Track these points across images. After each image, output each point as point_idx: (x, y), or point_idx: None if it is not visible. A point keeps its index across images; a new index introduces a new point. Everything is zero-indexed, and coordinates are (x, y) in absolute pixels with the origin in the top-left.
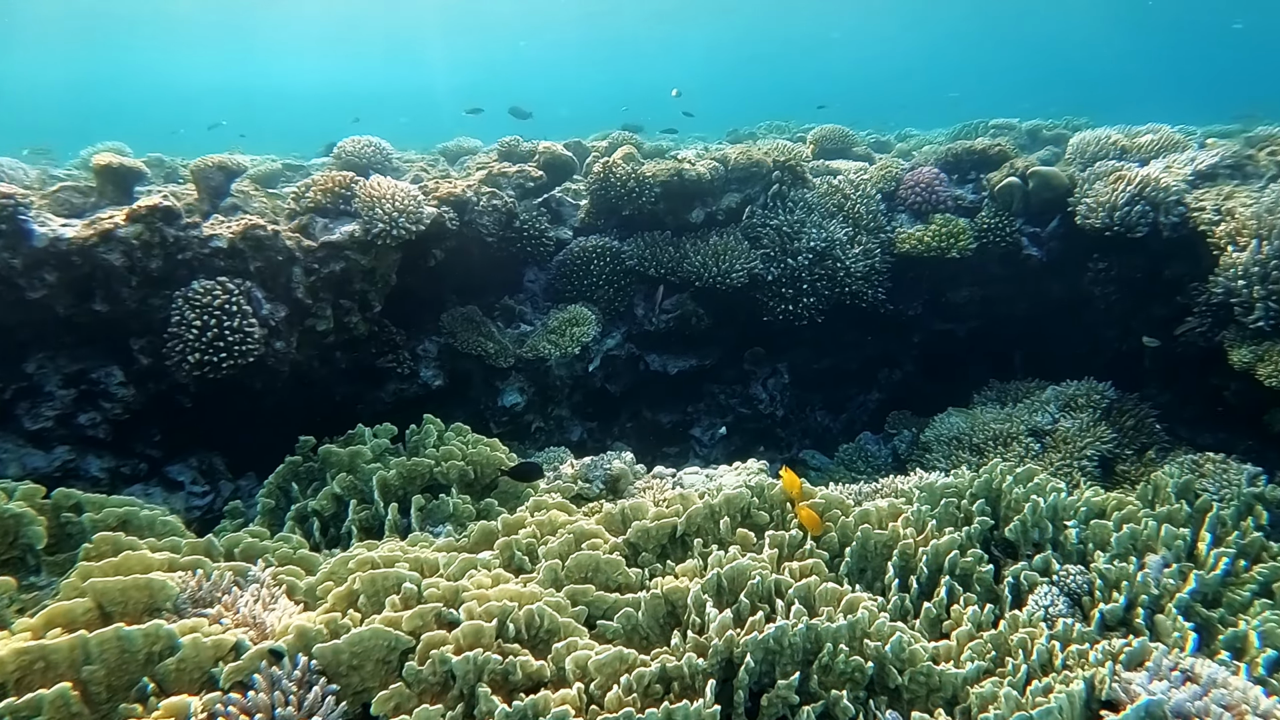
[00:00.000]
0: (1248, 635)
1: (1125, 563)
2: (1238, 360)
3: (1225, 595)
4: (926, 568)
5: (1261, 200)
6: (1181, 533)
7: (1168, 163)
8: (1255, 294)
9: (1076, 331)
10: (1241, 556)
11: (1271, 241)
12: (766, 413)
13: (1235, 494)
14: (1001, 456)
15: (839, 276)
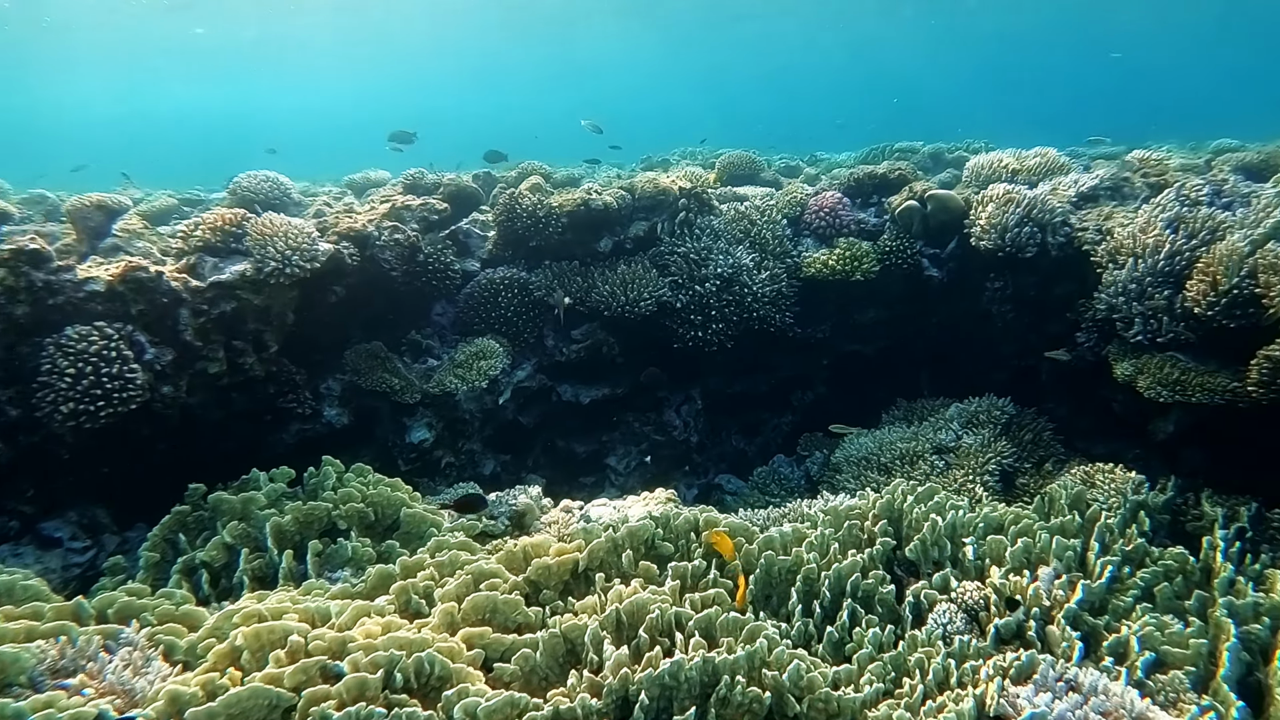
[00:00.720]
0: (1129, 640)
1: (1019, 576)
2: (1121, 373)
3: (1111, 602)
4: (829, 591)
5: (1136, 220)
6: (1072, 544)
7: (1054, 185)
8: (1134, 310)
9: (978, 349)
10: (1126, 563)
11: (1146, 260)
12: (681, 439)
13: (1122, 502)
14: (908, 475)
15: (746, 302)
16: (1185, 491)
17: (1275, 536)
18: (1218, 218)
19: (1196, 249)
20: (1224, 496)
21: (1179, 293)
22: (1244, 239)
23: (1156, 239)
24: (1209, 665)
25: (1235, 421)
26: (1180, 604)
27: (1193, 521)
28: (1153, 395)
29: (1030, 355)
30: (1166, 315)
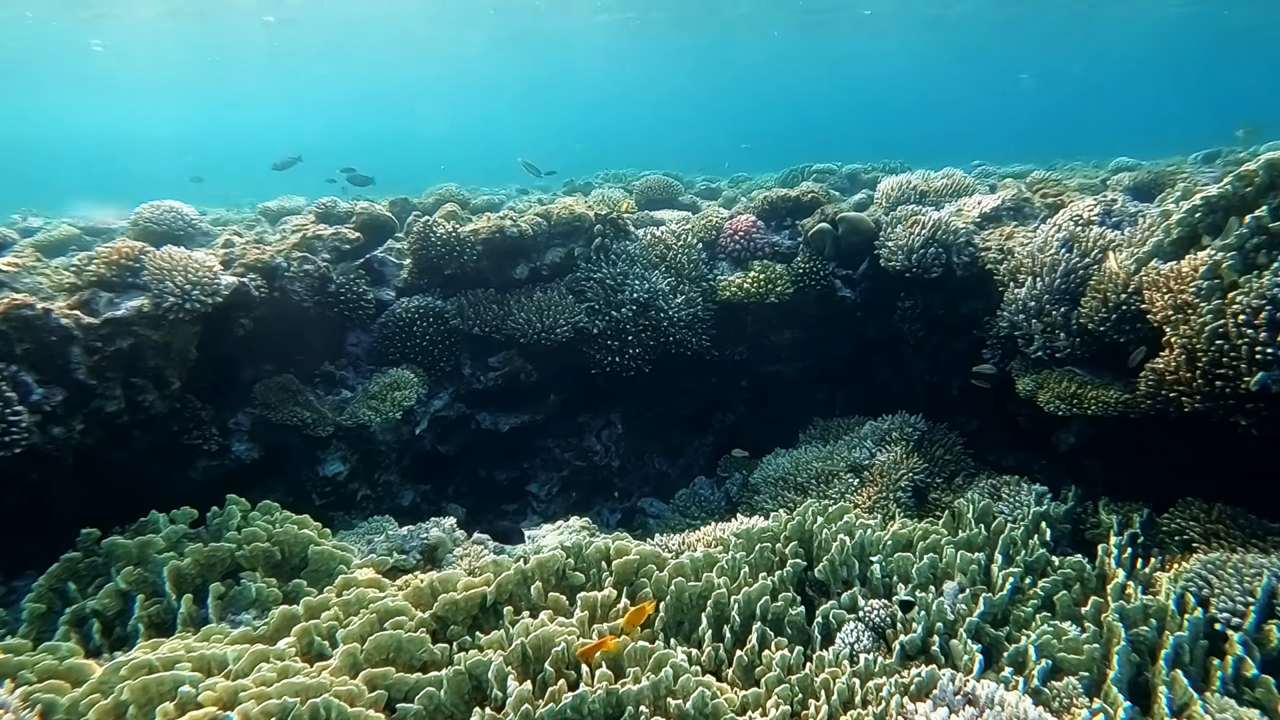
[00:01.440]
0: (1027, 650)
1: (925, 592)
2: (1023, 389)
3: (1013, 612)
4: (739, 615)
5: (1034, 240)
6: (977, 557)
7: (959, 206)
8: (1033, 326)
9: (892, 367)
10: (1029, 573)
11: (1043, 278)
12: (602, 464)
13: (1025, 514)
14: (823, 494)
15: (663, 326)
16: (1085, 500)
17: (1165, 541)
18: (1108, 236)
19: (1089, 267)
20: (1120, 504)
21: (1074, 309)
22: (1130, 257)
23: (1053, 258)
24: (1102, 668)
25: (1129, 431)
26: (1078, 611)
27: (1092, 529)
28: (1052, 409)
29: (941, 371)
30: (1063, 331)
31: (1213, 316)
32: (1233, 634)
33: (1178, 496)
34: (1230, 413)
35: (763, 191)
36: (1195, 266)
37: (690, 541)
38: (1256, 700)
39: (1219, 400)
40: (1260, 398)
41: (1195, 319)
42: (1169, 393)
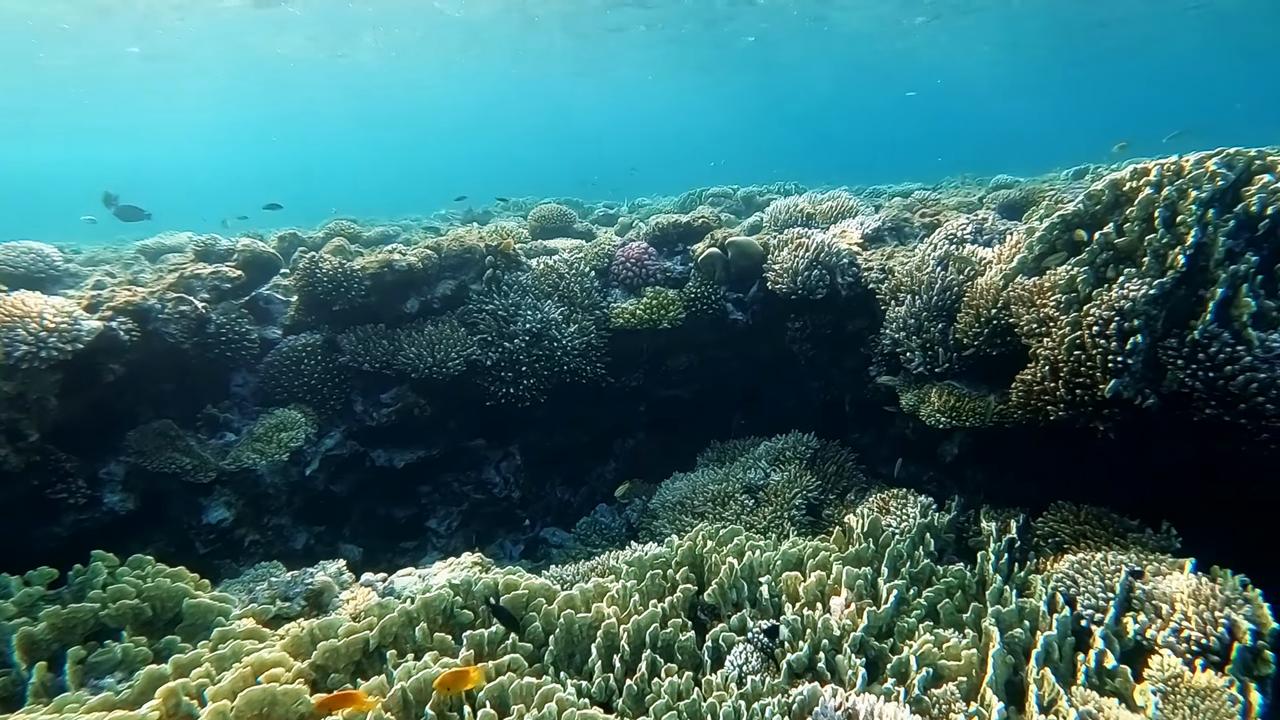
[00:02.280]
0: (909, 660)
1: (812, 610)
2: (905, 404)
3: (898, 624)
4: (629, 644)
5: (912, 259)
6: (863, 572)
7: (843, 228)
8: (913, 343)
9: (787, 386)
10: (914, 584)
11: (921, 296)
12: (502, 496)
13: (911, 526)
14: (719, 516)
15: (557, 355)
16: (969, 509)
17: (1040, 544)
18: (979, 254)
19: (963, 284)
20: (1000, 510)
21: (951, 325)
22: (998, 273)
23: (929, 276)
24: (980, 673)
25: (1007, 440)
26: (960, 618)
27: (974, 537)
28: (933, 422)
29: (834, 389)
30: (941, 347)
31: (1070, 328)
32: (1096, 629)
33: (1052, 501)
34: (1090, 419)
35: (656, 218)
36: (1054, 281)
37: (583, 571)
38: (1116, 689)
39: (1080, 407)
40: (1114, 403)
41: (1055, 331)
42: (1037, 402)
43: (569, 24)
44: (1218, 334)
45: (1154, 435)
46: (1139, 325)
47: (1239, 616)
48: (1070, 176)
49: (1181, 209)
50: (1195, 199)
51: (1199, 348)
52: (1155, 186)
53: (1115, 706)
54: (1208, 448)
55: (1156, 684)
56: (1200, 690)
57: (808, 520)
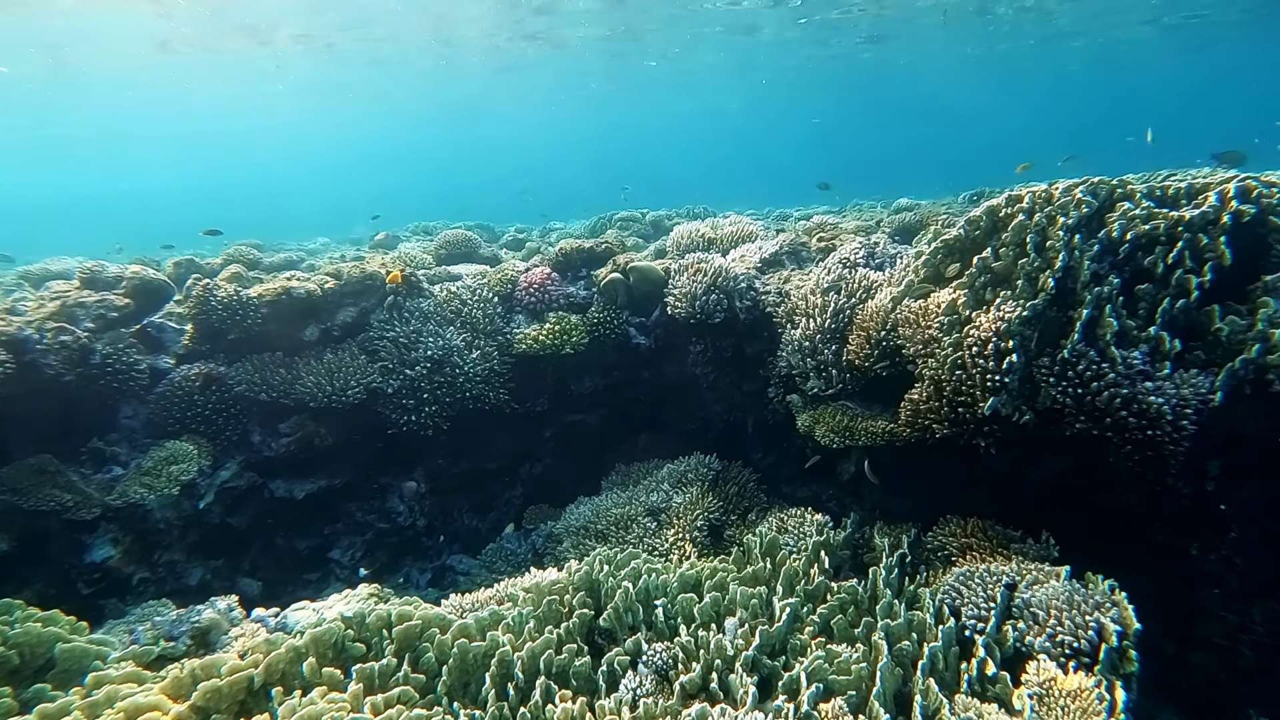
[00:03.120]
0: (799, 677)
1: (706, 631)
2: (802, 424)
3: (791, 641)
4: (524, 672)
5: (808, 282)
6: (757, 591)
7: (742, 252)
8: (808, 365)
9: (691, 409)
10: (809, 601)
11: (815, 319)
12: (407, 524)
13: (807, 544)
14: (622, 540)
15: (459, 382)
16: (863, 526)
17: (930, 558)
18: (871, 277)
19: (855, 307)
20: (893, 526)
21: (844, 347)
22: (888, 296)
23: (823, 299)
24: (869, 686)
25: (899, 458)
26: (853, 633)
27: (869, 553)
28: (828, 442)
29: (736, 411)
30: (835, 368)
31: (952, 349)
32: (978, 638)
33: (945, 515)
34: (973, 436)
35: (560, 243)
36: (938, 303)
37: (482, 600)
38: (997, 695)
39: (962, 425)
40: (994, 420)
41: (939, 352)
42: (923, 421)
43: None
44: (1085, 352)
45: (1034, 450)
46: (1014, 345)
47: (1106, 619)
48: (965, 200)
49: (1051, 234)
50: (1063, 225)
51: (1068, 366)
52: (1027, 213)
53: (995, 712)
54: (1082, 460)
55: (1033, 688)
56: (1072, 691)
57: (709, 541)
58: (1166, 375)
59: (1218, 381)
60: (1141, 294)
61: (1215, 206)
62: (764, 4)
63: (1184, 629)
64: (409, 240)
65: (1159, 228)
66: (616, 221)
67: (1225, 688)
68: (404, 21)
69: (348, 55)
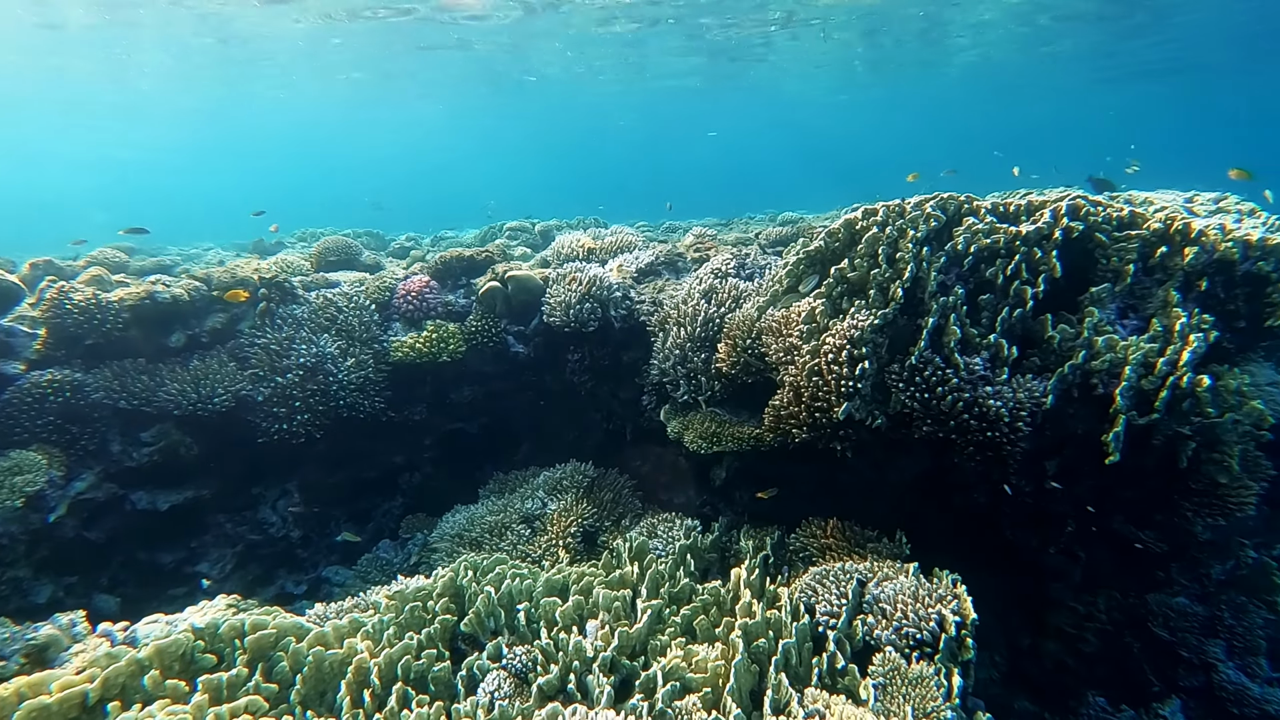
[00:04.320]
0: (656, 676)
1: (567, 634)
2: (672, 431)
3: (653, 642)
4: (381, 679)
5: (680, 292)
6: (621, 594)
7: (620, 262)
8: (678, 372)
9: (571, 417)
10: (673, 603)
11: (686, 327)
12: (280, 535)
13: (675, 548)
14: (496, 547)
15: (333, 390)
16: (731, 530)
17: (793, 558)
18: (740, 287)
19: (725, 316)
20: (759, 529)
21: (713, 355)
22: (754, 306)
23: (694, 308)
24: (725, 682)
25: (767, 463)
26: (714, 632)
27: (735, 556)
28: (695, 448)
29: (615, 419)
30: (704, 376)
31: (810, 356)
32: (830, 633)
33: (813, 517)
34: (830, 440)
35: (441, 251)
36: (799, 312)
37: (346, 608)
38: (846, 687)
39: (820, 429)
40: (848, 425)
41: (799, 359)
42: (784, 426)
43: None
44: (931, 359)
45: (891, 452)
46: (866, 352)
47: (947, 611)
48: (846, 213)
49: (901, 246)
50: (913, 238)
51: (916, 371)
52: (881, 226)
53: (843, 702)
54: (936, 462)
55: (877, 678)
56: (914, 679)
57: (583, 547)
58: (1004, 380)
59: (1049, 386)
60: (984, 304)
61: (1049, 223)
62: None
63: (1038, 620)
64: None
65: (999, 241)
66: (506, 231)
67: (1072, 673)
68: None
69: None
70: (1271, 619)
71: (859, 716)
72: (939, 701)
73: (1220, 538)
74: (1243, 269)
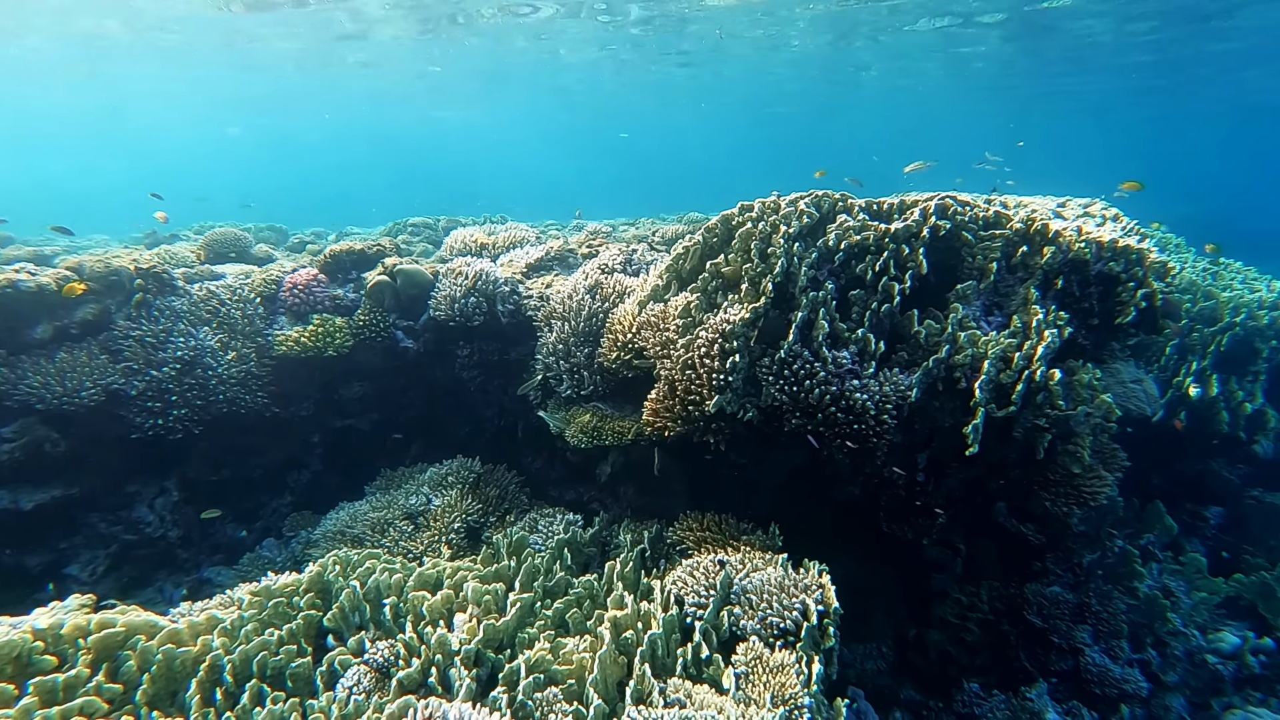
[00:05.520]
0: (519, 668)
1: (433, 628)
2: (554, 427)
3: (522, 635)
4: (234, 676)
5: (565, 286)
6: (492, 588)
7: (511, 257)
8: (562, 367)
9: (463, 413)
10: (548, 597)
11: (571, 322)
12: (158, 535)
13: (553, 543)
14: (378, 544)
15: (211, 384)
16: (613, 524)
17: (670, 552)
18: (625, 282)
19: (609, 311)
20: (640, 523)
21: (596, 350)
22: (635, 301)
23: (579, 303)
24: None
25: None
26: (586, 625)
27: (615, 550)
28: (576, 443)
29: (507, 415)
30: (587, 370)
31: (685, 350)
32: (698, 624)
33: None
34: (703, 433)
35: (331, 245)
36: (676, 307)
37: (211, 607)
38: (711, 677)
39: (694, 423)
40: (720, 418)
41: (674, 353)
42: (660, 420)
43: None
44: (800, 353)
45: (768, 446)
46: (738, 346)
47: (810, 600)
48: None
49: (774, 242)
50: (785, 233)
51: (785, 365)
52: (755, 221)
53: (705, 691)
54: (812, 455)
55: (739, 667)
56: (775, 667)
57: (467, 543)
58: (871, 374)
59: (914, 379)
60: (855, 299)
61: (918, 221)
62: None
63: (924, 611)
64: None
65: (869, 238)
66: (410, 227)
67: (955, 661)
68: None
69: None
70: (1134, 604)
71: (719, 705)
72: (798, 688)
73: (1092, 529)
74: (1096, 269)
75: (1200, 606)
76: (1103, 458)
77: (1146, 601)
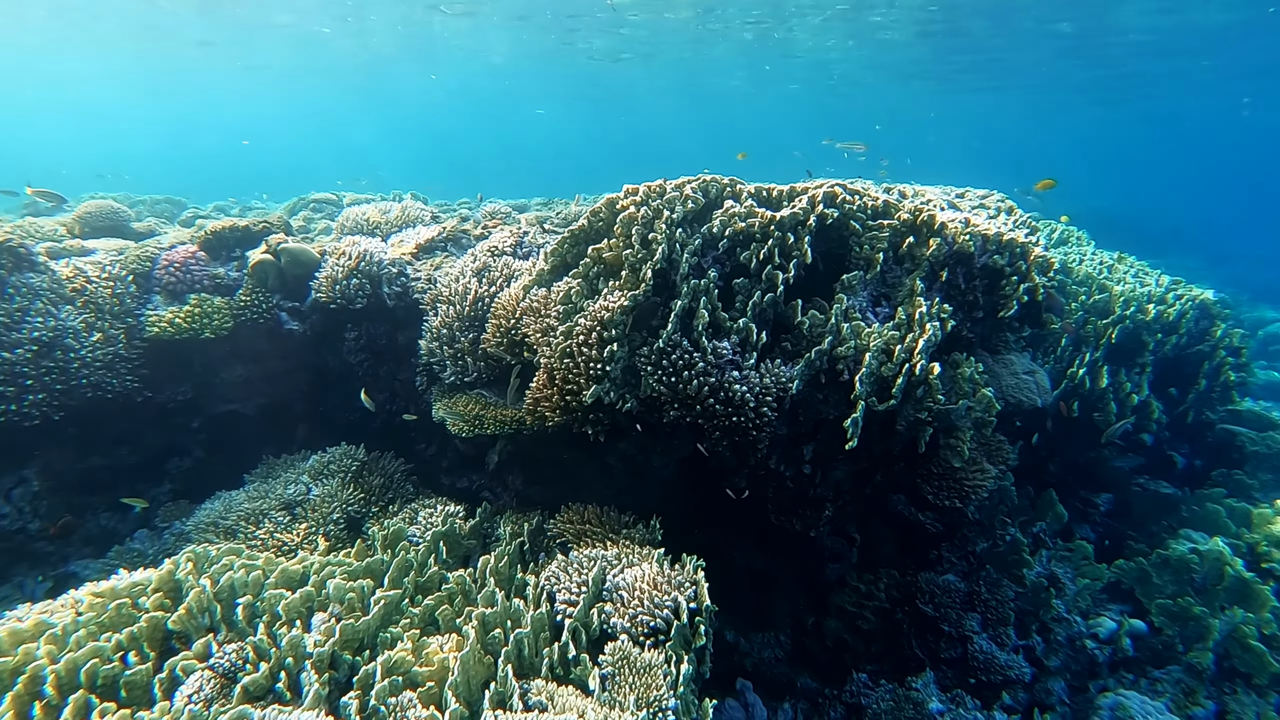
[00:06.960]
0: (374, 671)
1: (289, 628)
2: (436, 413)
3: (385, 634)
4: (57, 687)
5: (453, 269)
6: (357, 585)
7: (402, 237)
8: (445, 353)
9: (352, 399)
10: (420, 593)
11: (456, 305)
12: (15, 528)
13: (429, 535)
14: (251, 536)
15: (74, 368)
16: (497, 515)
17: (550, 545)
18: (514, 266)
19: (495, 295)
20: (523, 514)
21: (481, 335)
22: (519, 285)
23: (464, 286)
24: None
25: (540, 446)
26: (455, 623)
27: (495, 543)
28: (457, 431)
29: (399, 401)
30: (471, 356)
31: (564, 337)
32: (567, 623)
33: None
34: (581, 423)
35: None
36: (558, 292)
37: (54, 609)
38: (578, 678)
39: (571, 413)
40: (598, 408)
41: (554, 340)
42: (540, 409)
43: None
44: (679, 342)
45: (654, 437)
46: (616, 335)
47: (682, 598)
48: None
49: (656, 227)
50: (668, 219)
51: (663, 355)
52: (639, 205)
53: (568, 694)
54: (697, 448)
55: (606, 668)
56: (641, 668)
57: (348, 535)
58: (752, 365)
59: (796, 371)
60: (739, 288)
61: (805, 209)
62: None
63: (823, 600)
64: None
65: (754, 225)
66: (311, 204)
67: (851, 649)
68: None
69: None
70: (1021, 591)
71: (581, 708)
72: (664, 690)
73: (985, 517)
74: (980, 261)
75: (1084, 592)
76: (988, 450)
77: (1033, 589)
